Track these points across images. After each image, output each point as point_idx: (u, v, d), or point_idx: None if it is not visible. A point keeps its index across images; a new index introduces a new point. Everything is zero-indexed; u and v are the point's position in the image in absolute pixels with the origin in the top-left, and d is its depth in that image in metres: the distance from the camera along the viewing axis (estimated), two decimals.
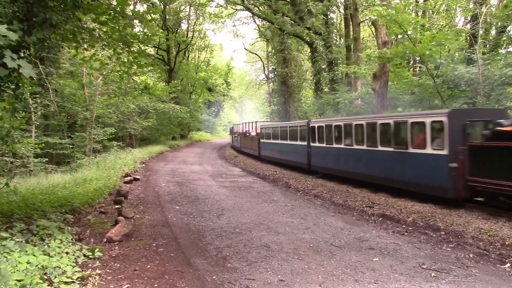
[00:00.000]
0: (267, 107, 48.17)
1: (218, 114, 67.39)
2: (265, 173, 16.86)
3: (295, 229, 7.39)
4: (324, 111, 25.03)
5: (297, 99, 34.76)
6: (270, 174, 16.62)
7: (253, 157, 25.01)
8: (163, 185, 13.44)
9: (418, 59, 19.08)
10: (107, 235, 6.59)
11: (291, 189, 12.79)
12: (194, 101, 47.11)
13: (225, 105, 71.89)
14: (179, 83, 39.08)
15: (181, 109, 31.07)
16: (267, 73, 52.20)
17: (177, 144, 37.76)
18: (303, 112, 32.15)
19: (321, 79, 27.39)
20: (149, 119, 27.30)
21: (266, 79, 53.87)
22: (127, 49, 8.11)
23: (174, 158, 25.32)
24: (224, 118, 74.11)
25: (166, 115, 30.13)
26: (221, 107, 68.53)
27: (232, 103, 77.00)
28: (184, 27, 43.18)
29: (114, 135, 21.11)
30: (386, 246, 6.30)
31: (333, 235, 6.98)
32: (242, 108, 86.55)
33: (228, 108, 77.38)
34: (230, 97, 68.52)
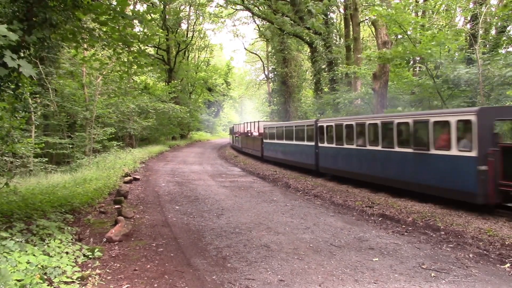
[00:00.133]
0: (267, 107, 48.19)
1: (218, 114, 67.42)
2: (265, 173, 16.87)
3: (295, 229, 7.39)
4: (324, 111, 25.03)
5: (297, 99, 34.80)
6: (270, 174, 16.63)
7: (256, 158, 24.28)
8: (163, 185, 13.44)
9: (418, 59, 19.08)
10: (107, 235, 6.59)
11: (291, 189, 12.80)
12: (194, 101, 47.14)
13: (225, 105, 71.95)
14: (179, 83, 39.09)
15: (181, 109, 31.08)
16: (267, 73, 52.25)
17: (177, 144, 37.76)
18: (303, 112, 32.19)
19: (321, 79, 27.39)
20: (149, 119, 27.31)
21: (266, 79, 53.90)
22: (127, 49, 8.11)
23: (174, 158, 25.32)
24: (224, 118, 74.15)
25: (166, 115, 30.14)
26: (221, 107, 68.58)
27: (232, 103, 77.07)
28: (184, 27, 43.27)
29: (114, 135, 21.12)
30: (386, 246, 6.30)
31: (333, 235, 6.98)
32: (242, 108, 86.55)
33: (228, 108, 77.45)
34: (230, 97, 68.64)
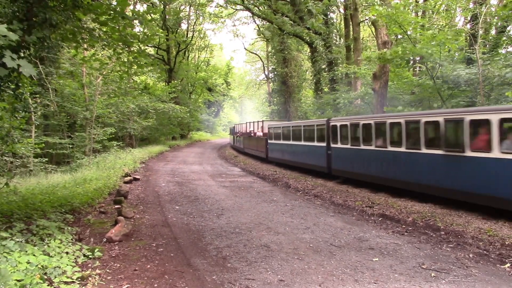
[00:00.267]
0: (267, 107, 48.21)
1: (218, 114, 67.42)
2: (264, 173, 16.87)
3: (295, 229, 7.39)
4: (324, 111, 25.03)
5: (297, 99, 34.84)
6: (270, 174, 16.63)
7: (260, 159, 23.10)
8: (163, 185, 13.44)
9: (418, 59, 19.08)
10: (107, 235, 6.59)
11: (291, 189, 12.80)
12: (194, 101, 47.13)
13: (225, 105, 71.96)
14: (179, 83, 39.09)
15: (181, 109, 31.07)
16: (267, 73, 52.26)
17: (177, 144, 37.76)
18: (303, 112, 32.21)
19: (321, 79, 27.41)
20: (149, 119, 27.32)
21: (266, 79, 53.91)
22: (127, 49, 8.11)
23: (174, 158, 25.32)
24: (224, 118, 74.16)
25: (166, 115, 30.14)
26: (221, 107, 68.57)
27: (232, 103, 77.07)
28: (184, 27, 43.28)
29: (114, 135, 21.13)
30: (386, 246, 6.30)
31: (333, 235, 6.98)
32: (242, 108, 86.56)
33: (228, 108, 77.45)
34: (230, 97, 68.64)
